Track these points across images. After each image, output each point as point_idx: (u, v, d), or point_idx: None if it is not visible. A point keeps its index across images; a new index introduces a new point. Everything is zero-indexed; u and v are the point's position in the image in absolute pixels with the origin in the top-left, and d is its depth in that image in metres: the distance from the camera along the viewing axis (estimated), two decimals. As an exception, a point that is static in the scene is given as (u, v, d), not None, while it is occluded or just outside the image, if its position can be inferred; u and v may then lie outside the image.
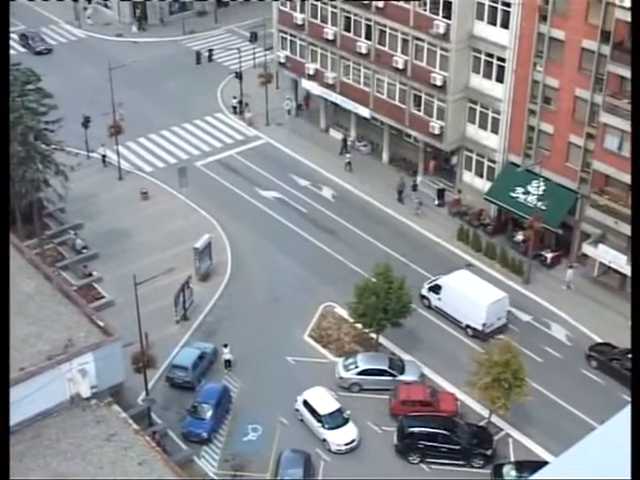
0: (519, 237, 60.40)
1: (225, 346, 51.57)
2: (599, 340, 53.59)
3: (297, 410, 48.51)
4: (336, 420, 47.36)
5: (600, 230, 56.17)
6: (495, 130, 61.00)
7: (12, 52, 77.44)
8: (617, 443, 12.15)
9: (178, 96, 79.64)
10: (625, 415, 12.66)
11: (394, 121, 66.53)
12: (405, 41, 62.86)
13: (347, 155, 68.86)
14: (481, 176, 63.61)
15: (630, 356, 47.96)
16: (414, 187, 66.72)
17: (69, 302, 43.27)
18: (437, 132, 62.55)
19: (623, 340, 52.50)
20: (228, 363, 51.59)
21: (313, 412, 47.70)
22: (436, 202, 65.56)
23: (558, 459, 12.07)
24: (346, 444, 46.84)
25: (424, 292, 56.32)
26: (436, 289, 55.80)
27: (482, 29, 59.02)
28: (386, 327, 51.27)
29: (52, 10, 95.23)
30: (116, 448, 38.38)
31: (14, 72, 55.45)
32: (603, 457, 11.98)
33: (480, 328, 53.07)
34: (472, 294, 53.87)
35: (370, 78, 66.86)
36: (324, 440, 47.06)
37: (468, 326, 53.97)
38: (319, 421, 47.36)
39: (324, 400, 48.25)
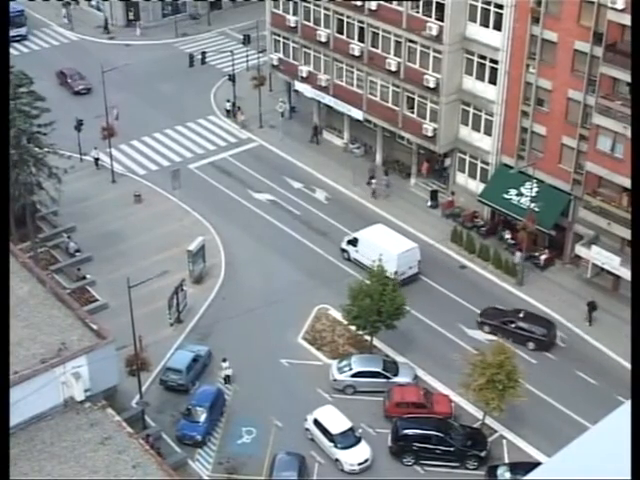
0: (507, 235, 60.53)
1: (224, 360, 50.62)
2: (593, 342, 53.67)
3: (307, 429, 47.40)
4: (348, 439, 46.28)
5: (593, 231, 56.26)
6: (488, 132, 61.08)
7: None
8: (610, 443, 12.18)
9: (171, 99, 79.61)
10: (617, 415, 12.69)
11: (387, 123, 66.58)
12: (398, 43, 62.91)
13: (372, 181, 65.68)
14: (474, 178, 63.67)
15: (521, 315, 53.76)
16: (386, 172, 68.12)
17: (63, 305, 43.21)
18: (430, 134, 62.61)
19: (620, 342, 52.68)
20: (227, 379, 50.69)
21: (324, 431, 46.53)
22: (429, 204, 65.63)
23: (551, 459, 12.09)
24: (359, 464, 45.84)
25: (343, 246, 60.30)
26: (354, 242, 59.65)
27: (475, 31, 59.11)
28: (380, 329, 51.29)
29: (44, 13, 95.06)
30: (110, 451, 38.32)
31: (6, 75, 55.34)
32: (596, 457, 12.01)
33: (393, 276, 54.43)
34: (385, 245, 57.17)
35: (363, 80, 66.91)
36: (337, 460, 46.03)
37: None
38: (331, 441, 46.24)
39: (335, 419, 47.00)
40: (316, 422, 46.98)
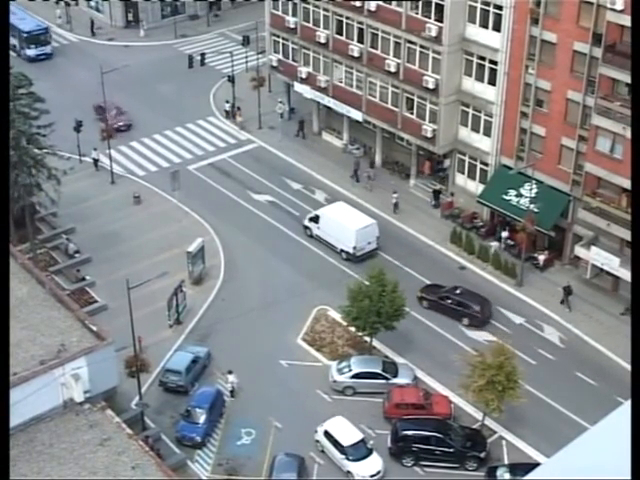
0: (504, 234, 60.54)
1: (230, 373, 50.08)
2: (593, 343, 53.67)
3: (317, 441, 46.84)
4: (360, 451, 45.73)
5: (592, 232, 56.26)
6: (487, 133, 61.10)
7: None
8: (609, 444, 12.18)
9: (170, 100, 79.61)
10: (617, 416, 12.69)
11: (386, 124, 66.59)
12: (397, 44, 62.91)
13: (394, 195, 65.13)
14: (474, 179, 63.68)
15: (457, 292, 55.62)
16: (371, 164, 68.93)
17: (62, 307, 43.20)
18: (430, 135, 62.62)
19: (620, 343, 52.70)
20: (233, 392, 49.99)
21: (335, 443, 45.91)
22: (433, 203, 65.65)
23: (550, 460, 12.09)
24: (371, 476, 45.42)
25: (306, 223, 62.48)
26: (316, 219, 61.80)
27: (474, 32, 59.12)
28: (379, 330, 51.27)
29: (43, 14, 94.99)
30: (109, 453, 38.30)
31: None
32: (595, 457, 12.01)
33: (351, 251, 59.18)
34: (344, 221, 60.18)
35: (362, 81, 66.91)
36: (348, 472, 45.55)
37: (342, 250, 60.07)
38: (342, 453, 45.64)
39: (346, 431, 46.36)
40: (326, 434, 46.34)
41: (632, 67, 46.71)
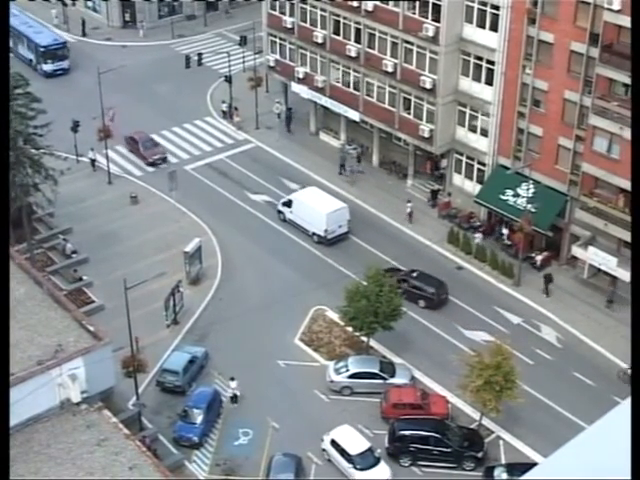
0: (505, 231, 60.59)
1: (232, 379, 49.67)
2: (590, 343, 53.69)
3: (324, 450, 46.30)
4: (367, 460, 45.26)
5: (590, 232, 56.30)
6: (485, 133, 61.12)
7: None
8: (606, 443, 12.19)
9: (168, 100, 79.58)
10: (614, 415, 12.70)
11: (384, 124, 66.60)
12: (394, 44, 62.93)
13: (408, 204, 64.47)
14: (471, 179, 63.69)
15: (414, 275, 56.75)
16: (358, 159, 69.44)
17: (59, 307, 43.17)
18: (427, 135, 62.63)
19: (617, 343, 52.72)
20: (235, 398, 49.65)
21: (342, 452, 45.38)
22: (430, 202, 65.66)
23: (548, 459, 12.09)
24: None
25: (279, 207, 63.97)
26: (289, 204, 63.42)
27: (471, 32, 59.13)
28: (377, 330, 51.27)
29: (40, 14, 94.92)
30: (107, 453, 38.28)
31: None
32: (593, 457, 12.01)
33: (323, 234, 60.88)
34: (316, 205, 61.93)
35: (360, 81, 66.91)
36: None
37: (314, 234, 61.75)
38: (350, 462, 45.11)
39: (353, 439, 45.86)
40: (333, 443, 45.90)
41: (632, 67, 46.71)
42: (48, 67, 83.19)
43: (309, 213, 61.91)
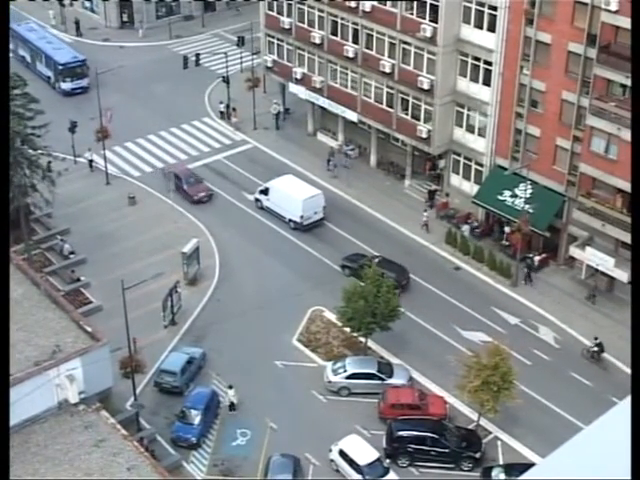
0: (507, 229, 60.54)
1: (230, 387, 49.30)
2: (588, 343, 53.70)
3: (332, 460, 45.85)
4: (376, 470, 44.88)
5: (587, 233, 56.32)
6: (482, 133, 61.14)
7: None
8: (604, 443, 12.17)
9: (165, 100, 79.54)
10: (612, 415, 12.68)
11: (382, 125, 66.60)
12: (392, 45, 62.93)
13: (425, 214, 63.71)
14: (469, 179, 63.70)
15: (376, 260, 56.94)
16: (347, 154, 70.10)
17: (57, 308, 43.18)
18: (425, 136, 62.64)
19: (615, 343, 52.73)
20: (232, 406, 49.21)
21: (351, 462, 44.93)
22: (428, 203, 65.67)
23: (545, 460, 12.07)
24: None
25: (256, 195, 65.45)
26: (265, 192, 64.80)
27: (469, 32, 59.15)
28: (375, 331, 51.27)
29: (38, 15, 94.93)
30: (104, 454, 38.28)
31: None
32: (590, 457, 12.00)
33: (299, 220, 62.27)
34: (292, 192, 63.33)
35: (357, 82, 66.90)
36: None
37: (290, 220, 63.19)
38: (359, 472, 44.73)
39: (362, 449, 45.38)
40: (342, 453, 45.53)
41: (632, 67, 46.73)
42: (67, 85, 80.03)
43: (285, 200, 63.29)
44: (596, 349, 52.61)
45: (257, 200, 65.48)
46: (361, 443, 46.05)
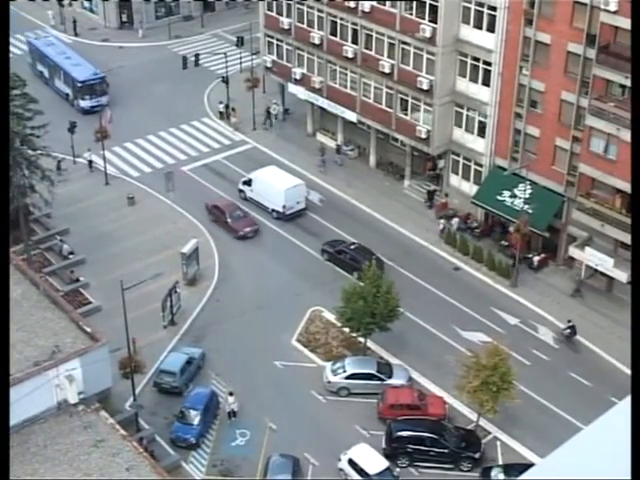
0: (511, 229, 60.39)
1: (231, 394, 48.87)
2: (587, 343, 53.72)
3: (341, 470, 45.47)
4: (386, 479, 44.75)
5: (587, 233, 56.32)
6: (482, 134, 61.13)
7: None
8: (603, 444, 12.20)
9: (165, 101, 79.53)
10: (611, 416, 12.71)
11: (381, 125, 66.60)
12: (391, 45, 62.93)
13: (441, 222, 63.00)
14: (468, 179, 63.70)
15: (352, 247, 59.87)
16: (337, 150, 71.28)
17: (56, 308, 43.18)
18: (424, 136, 62.64)
19: (614, 343, 52.76)
20: (233, 413, 48.65)
21: (361, 472, 44.58)
22: (427, 203, 65.68)
23: (545, 460, 12.10)
24: None
25: (240, 187, 66.62)
26: (249, 182, 66.12)
27: (468, 33, 59.15)
28: (374, 331, 51.28)
29: (37, 14, 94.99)
30: (104, 454, 38.28)
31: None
32: (589, 458, 12.02)
33: (281, 210, 63.56)
34: (274, 182, 64.61)
35: (357, 82, 66.90)
36: None
37: (273, 210, 64.45)
38: None
39: (371, 458, 45.12)
40: (351, 462, 45.27)
41: (632, 67, 46.73)
42: (85, 103, 76.78)
43: (268, 190, 64.54)
44: (569, 331, 53.56)
45: (240, 191, 66.72)
46: (370, 452, 45.70)
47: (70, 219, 63.29)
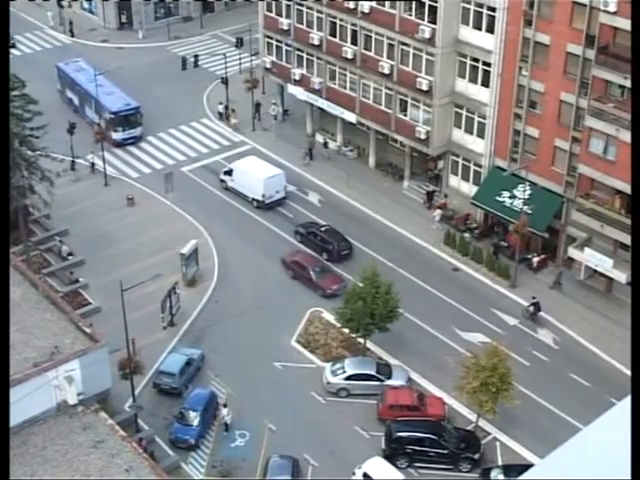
0: (511, 229, 60.48)
1: (225, 406, 48.68)
2: (586, 344, 53.72)
3: None
4: None
5: (586, 234, 56.32)
6: (481, 134, 61.14)
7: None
8: (603, 444, 12.19)
9: (164, 102, 79.50)
10: (610, 416, 12.71)
11: (380, 126, 66.60)
12: (391, 46, 62.93)
13: (461, 231, 62.64)
14: (467, 180, 63.71)
15: (322, 229, 61.53)
16: (325, 145, 71.96)
17: (55, 309, 43.16)
18: (423, 137, 62.64)
19: (613, 344, 52.75)
20: (226, 426, 48.13)
21: None
22: (426, 204, 65.67)
23: (544, 461, 12.10)
24: None
25: (221, 177, 67.90)
26: (230, 172, 67.36)
27: (468, 34, 59.17)
28: (373, 332, 51.27)
29: (36, 15, 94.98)
30: (103, 455, 38.25)
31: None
32: (589, 458, 12.02)
33: (261, 199, 65.03)
34: (254, 172, 66.00)
35: (356, 83, 66.90)
36: None
37: (253, 199, 65.69)
38: None
39: (386, 472, 44.77)
40: (365, 476, 44.93)
41: (631, 68, 46.73)
42: (118, 135, 72.53)
43: (248, 180, 65.86)
44: (532, 308, 54.93)
45: (222, 181, 67.79)
46: (384, 465, 45.42)
47: (69, 220, 63.27)
